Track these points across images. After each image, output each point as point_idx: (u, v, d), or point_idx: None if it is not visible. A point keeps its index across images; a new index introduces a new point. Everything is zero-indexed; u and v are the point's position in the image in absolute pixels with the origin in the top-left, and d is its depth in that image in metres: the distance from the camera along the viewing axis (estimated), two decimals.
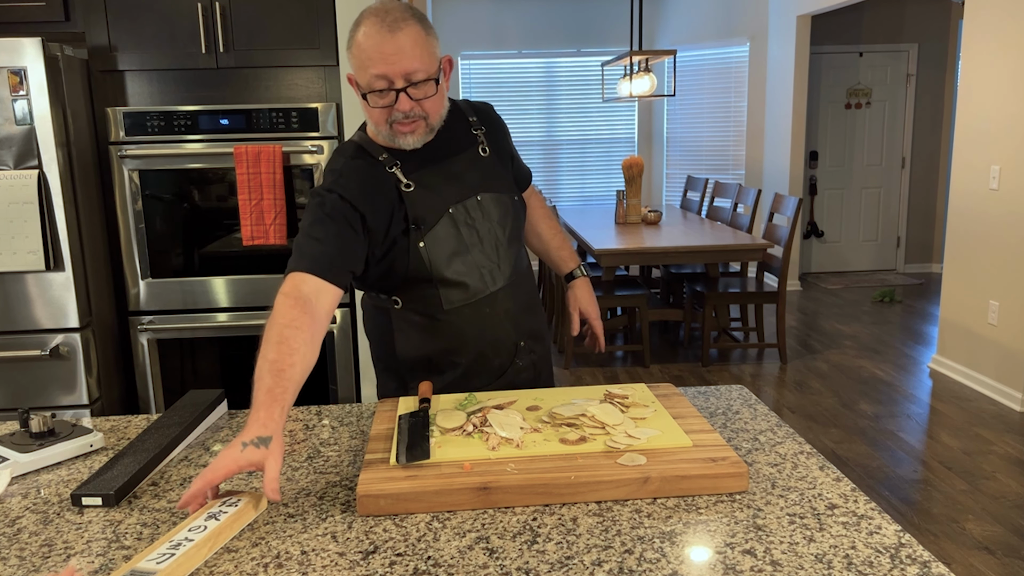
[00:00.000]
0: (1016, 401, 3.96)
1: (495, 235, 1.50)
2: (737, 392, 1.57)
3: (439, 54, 1.39)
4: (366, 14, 1.34)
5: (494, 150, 1.56)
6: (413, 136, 1.39)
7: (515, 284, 1.55)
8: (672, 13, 7.16)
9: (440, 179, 1.46)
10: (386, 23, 1.31)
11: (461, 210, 1.46)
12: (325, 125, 2.67)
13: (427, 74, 1.35)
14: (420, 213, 1.42)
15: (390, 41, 1.30)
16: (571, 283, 1.76)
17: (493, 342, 1.53)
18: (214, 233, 2.74)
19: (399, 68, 1.32)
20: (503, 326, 1.54)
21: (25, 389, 2.57)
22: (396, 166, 1.43)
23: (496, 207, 1.51)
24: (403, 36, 1.31)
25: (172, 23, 2.64)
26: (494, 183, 1.53)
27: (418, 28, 1.33)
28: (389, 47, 1.30)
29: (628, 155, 6.54)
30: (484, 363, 1.54)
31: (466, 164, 1.50)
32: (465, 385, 1.53)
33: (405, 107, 1.35)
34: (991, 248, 4.14)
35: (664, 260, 4.58)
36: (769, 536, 1.02)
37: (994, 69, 4.09)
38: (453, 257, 1.45)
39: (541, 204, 1.79)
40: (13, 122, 2.42)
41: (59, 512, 1.15)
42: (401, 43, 1.31)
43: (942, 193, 7.23)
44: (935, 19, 7.00)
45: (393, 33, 1.30)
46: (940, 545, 2.73)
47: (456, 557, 0.98)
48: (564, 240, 1.79)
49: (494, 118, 1.61)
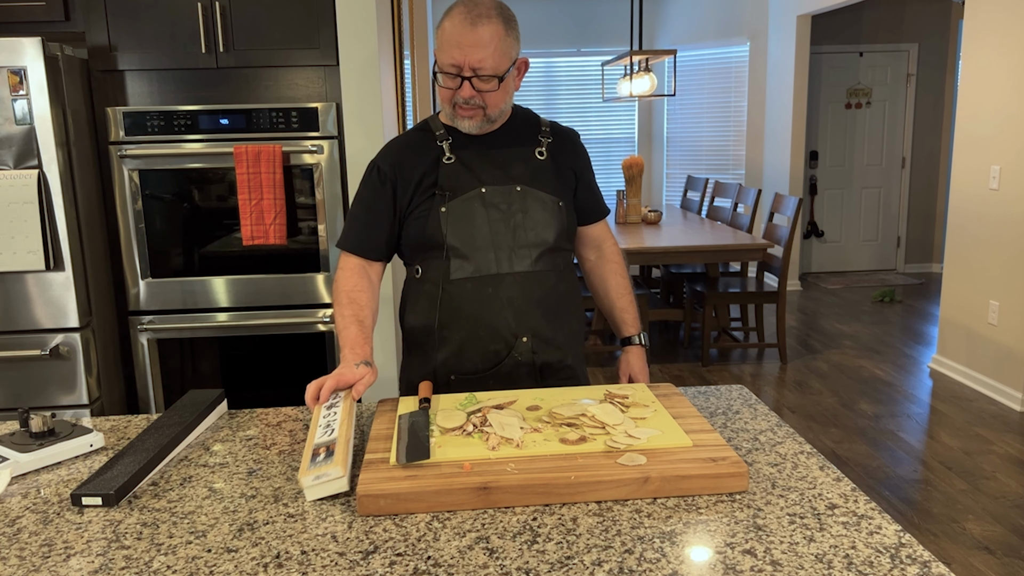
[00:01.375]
0: (1016, 401, 3.96)
1: (524, 226, 1.55)
2: (737, 392, 1.57)
3: (514, 55, 1.50)
4: (459, 2, 1.46)
5: (556, 161, 1.62)
6: (471, 121, 1.51)
7: (530, 278, 1.57)
8: (672, 13, 7.16)
9: (484, 162, 1.56)
10: (471, 15, 1.43)
11: (495, 192, 1.54)
12: (325, 125, 2.67)
13: (494, 71, 1.46)
14: (451, 183, 1.53)
15: (470, 33, 1.42)
16: (626, 348, 1.74)
17: (489, 324, 1.55)
18: (214, 233, 2.74)
19: (470, 59, 1.43)
20: (502, 312, 1.55)
21: (25, 389, 2.57)
22: (447, 141, 1.56)
23: (536, 203, 1.56)
24: (482, 31, 1.42)
25: (172, 23, 2.64)
26: (542, 183, 1.58)
27: (499, 27, 1.44)
28: (467, 38, 1.42)
29: (628, 155, 6.54)
30: (478, 344, 1.56)
31: (517, 158, 1.58)
32: (458, 365, 1.57)
33: (466, 94, 1.47)
34: (991, 248, 4.14)
35: (664, 260, 4.58)
36: (769, 536, 1.02)
37: (994, 69, 4.09)
38: (470, 231, 1.52)
39: (618, 260, 1.77)
40: (13, 122, 2.42)
41: (59, 512, 1.14)
42: (479, 37, 1.42)
43: (942, 193, 7.23)
44: (935, 19, 7.00)
45: (474, 26, 1.42)
46: (940, 545, 2.73)
47: (456, 557, 0.98)
48: (631, 303, 1.75)
49: (572, 140, 1.69)
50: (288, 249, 2.72)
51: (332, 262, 2.73)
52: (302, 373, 2.83)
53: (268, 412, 1.54)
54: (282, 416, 1.52)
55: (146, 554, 1.02)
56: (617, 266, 1.76)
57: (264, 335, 2.79)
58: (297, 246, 2.72)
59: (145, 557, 1.01)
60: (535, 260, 1.57)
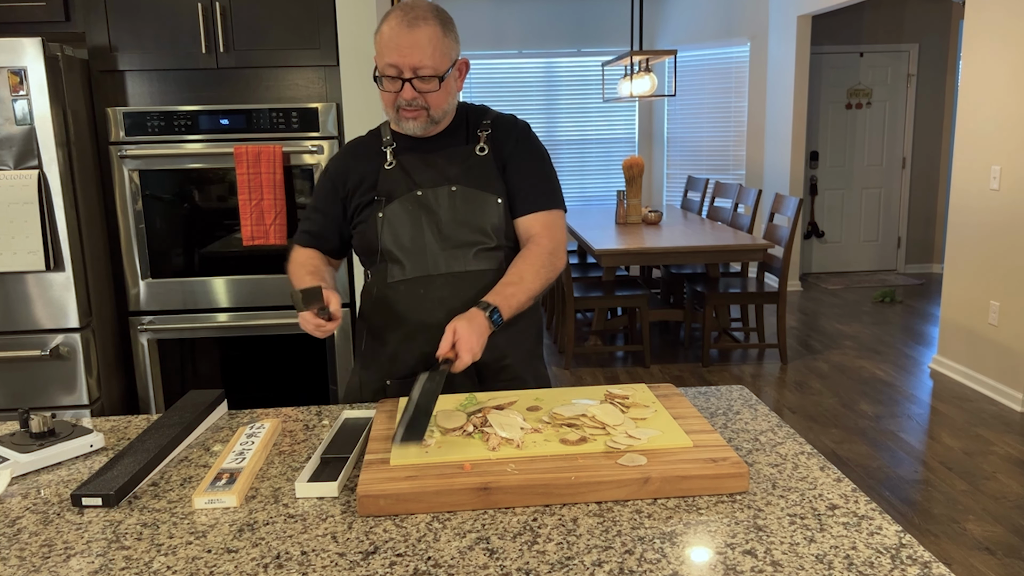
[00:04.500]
0: (1016, 401, 3.95)
1: (458, 225, 1.55)
2: (737, 392, 1.57)
3: (454, 55, 1.52)
4: (395, 7, 1.48)
5: (496, 155, 1.59)
6: (415, 122, 1.52)
7: (464, 277, 1.54)
8: (672, 13, 7.16)
9: (421, 164, 1.57)
10: (407, 19, 1.45)
11: (429, 195, 1.55)
12: (325, 125, 2.67)
13: (434, 71, 1.47)
14: (389, 188, 1.56)
15: (407, 35, 1.44)
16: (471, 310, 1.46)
17: (420, 324, 1.55)
18: (214, 233, 2.74)
19: (409, 61, 1.45)
20: (434, 313, 1.53)
21: (25, 389, 2.57)
22: (391, 147, 1.59)
23: (471, 202, 1.55)
24: (420, 33, 1.44)
25: (172, 23, 2.64)
26: (480, 180, 1.56)
27: (436, 28, 1.46)
28: (405, 40, 1.44)
29: (628, 155, 6.54)
30: (413, 347, 1.56)
31: (455, 157, 1.58)
32: (393, 369, 1.59)
33: (408, 96, 1.48)
34: (992, 248, 4.14)
35: (664, 260, 4.58)
36: (770, 536, 1.02)
37: (994, 69, 4.09)
38: (405, 235, 1.55)
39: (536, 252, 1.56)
40: (13, 122, 2.42)
41: (59, 512, 1.14)
42: (416, 39, 1.44)
43: (942, 193, 7.22)
44: (935, 19, 6.99)
45: (411, 29, 1.44)
46: (941, 545, 2.73)
47: (456, 557, 0.98)
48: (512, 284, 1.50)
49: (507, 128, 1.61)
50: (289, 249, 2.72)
51: None
52: (302, 373, 2.83)
53: (268, 412, 1.54)
54: (282, 416, 1.52)
55: (146, 554, 1.02)
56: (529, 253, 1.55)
57: (264, 335, 2.79)
58: None
59: (145, 557, 1.01)
60: (470, 259, 1.55)
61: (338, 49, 2.64)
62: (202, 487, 1.17)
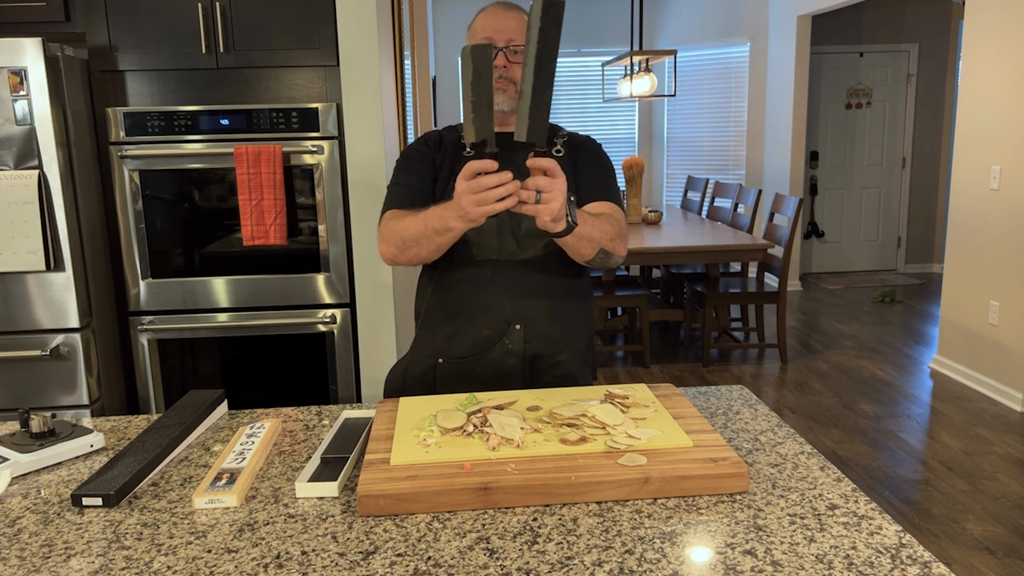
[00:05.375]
0: (1016, 401, 3.95)
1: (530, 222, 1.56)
2: (737, 392, 1.57)
3: None
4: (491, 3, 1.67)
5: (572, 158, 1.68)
6: (504, 94, 1.60)
7: (533, 266, 1.60)
8: (672, 13, 7.16)
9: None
10: (503, 5, 1.65)
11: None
12: (325, 125, 2.67)
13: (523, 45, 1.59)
14: None
15: (503, 15, 1.62)
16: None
17: (482, 308, 1.59)
18: (214, 233, 2.74)
19: (505, 34, 1.60)
20: (498, 297, 1.59)
21: (25, 389, 2.57)
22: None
23: None
24: (514, 17, 1.63)
25: (172, 23, 2.64)
26: None
27: (524, 17, 1.61)
28: (501, 18, 1.62)
29: (628, 155, 6.54)
30: (471, 329, 1.60)
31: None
32: (448, 349, 1.61)
33: (500, 62, 1.59)
34: (992, 248, 4.14)
35: (664, 260, 4.58)
36: (770, 536, 1.02)
37: (994, 69, 4.09)
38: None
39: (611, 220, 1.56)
40: (13, 122, 2.42)
41: (59, 512, 1.14)
42: (511, 20, 1.62)
43: (942, 193, 7.23)
44: (935, 19, 7.00)
45: (507, 12, 1.63)
46: (941, 545, 2.73)
47: (456, 557, 0.98)
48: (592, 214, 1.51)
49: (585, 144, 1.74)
50: (288, 249, 2.72)
51: (332, 262, 2.73)
52: (302, 374, 2.83)
53: (268, 412, 1.54)
54: (282, 416, 1.52)
55: (146, 554, 1.02)
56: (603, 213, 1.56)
57: (264, 335, 2.79)
58: (297, 246, 2.72)
59: (145, 557, 1.01)
60: (539, 249, 1.60)
61: (338, 49, 2.64)
62: (202, 487, 1.17)
